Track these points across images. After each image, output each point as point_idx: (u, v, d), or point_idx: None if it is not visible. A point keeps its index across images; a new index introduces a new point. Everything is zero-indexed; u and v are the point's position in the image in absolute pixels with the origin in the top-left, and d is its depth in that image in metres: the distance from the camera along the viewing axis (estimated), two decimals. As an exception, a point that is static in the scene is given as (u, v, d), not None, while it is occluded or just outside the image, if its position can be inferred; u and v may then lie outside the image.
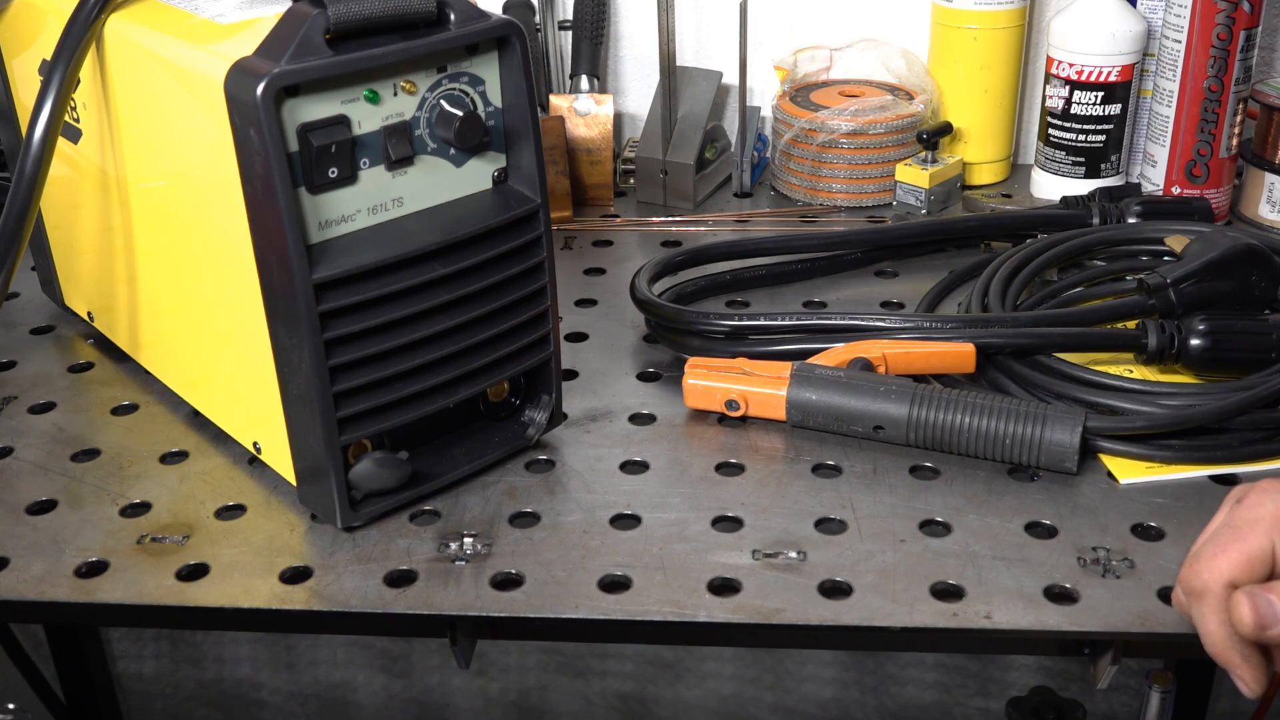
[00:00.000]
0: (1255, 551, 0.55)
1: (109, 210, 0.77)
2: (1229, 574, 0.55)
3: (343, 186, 0.62)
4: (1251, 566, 0.55)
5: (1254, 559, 0.55)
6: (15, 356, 0.87)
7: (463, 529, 0.68)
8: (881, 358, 0.77)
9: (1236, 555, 0.55)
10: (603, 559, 0.65)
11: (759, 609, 0.62)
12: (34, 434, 0.77)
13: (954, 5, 1.07)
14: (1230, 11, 0.96)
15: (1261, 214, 1.02)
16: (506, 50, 0.66)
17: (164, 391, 0.80)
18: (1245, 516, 0.57)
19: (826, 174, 1.08)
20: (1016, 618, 0.61)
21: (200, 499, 0.71)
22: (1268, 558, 0.55)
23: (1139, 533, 0.66)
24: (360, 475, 0.66)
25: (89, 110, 0.74)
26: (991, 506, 0.69)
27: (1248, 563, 0.55)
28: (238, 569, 0.65)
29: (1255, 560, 0.55)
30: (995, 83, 1.09)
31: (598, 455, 0.74)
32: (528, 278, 0.69)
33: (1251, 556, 0.55)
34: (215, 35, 0.65)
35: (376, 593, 0.63)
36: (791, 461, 0.73)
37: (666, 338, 0.85)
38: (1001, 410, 0.70)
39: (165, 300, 0.76)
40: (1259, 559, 0.55)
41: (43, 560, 0.66)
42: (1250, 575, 0.55)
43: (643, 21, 1.19)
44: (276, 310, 0.62)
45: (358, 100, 0.61)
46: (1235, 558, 0.55)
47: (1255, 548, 0.55)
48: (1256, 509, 0.57)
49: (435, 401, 0.67)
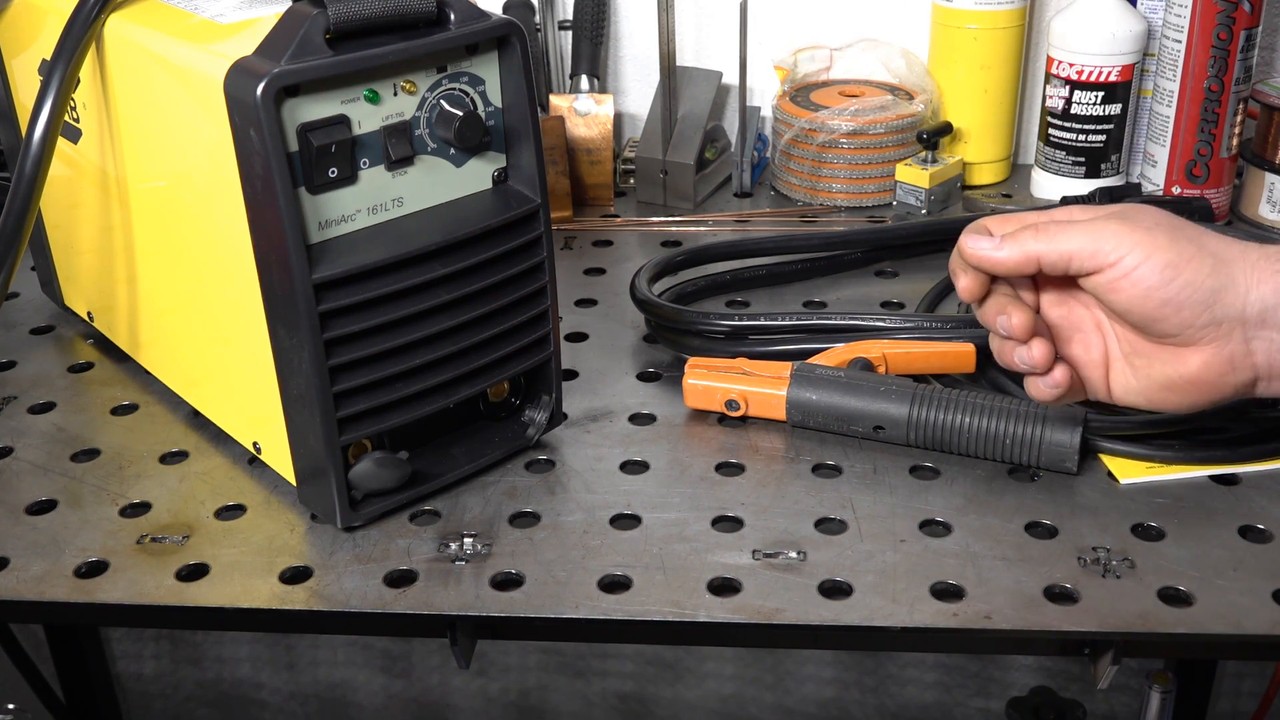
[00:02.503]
0: (1046, 239, 0.63)
1: (109, 210, 0.77)
2: (995, 227, 0.64)
3: (343, 186, 0.62)
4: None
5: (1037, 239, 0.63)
6: (15, 356, 0.87)
7: (463, 529, 0.68)
8: (881, 358, 0.77)
9: (1016, 223, 0.64)
10: (603, 559, 0.65)
11: (759, 609, 0.62)
12: (34, 434, 0.77)
13: (954, 5, 1.07)
14: (1230, 11, 0.96)
15: (1262, 214, 1.02)
16: (506, 50, 0.66)
17: (164, 391, 0.80)
18: (1075, 217, 0.64)
19: (826, 174, 1.08)
20: (1016, 618, 0.61)
21: (200, 499, 0.71)
22: (1055, 259, 0.62)
23: (1139, 533, 0.66)
24: (360, 475, 0.66)
25: (89, 110, 0.74)
26: (991, 506, 0.69)
27: (1018, 222, 0.64)
28: (238, 569, 0.65)
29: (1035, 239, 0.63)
30: (995, 83, 1.09)
31: (598, 455, 0.74)
32: (528, 278, 0.69)
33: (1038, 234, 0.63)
34: (215, 35, 0.65)
35: (376, 593, 0.63)
36: (791, 461, 0.73)
37: (666, 338, 0.85)
38: (1001, 410, 0.70)
39: (165, 300, 0.76)
40: (1045, 251, 0.62)
41: (43, 560, 0.66)
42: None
43: (643, 21, 1.19)
44: (276, 310, 0.62)
45: (358, 100, 0.61)
46: (1013, 224, 0.64)
47: (1049, 235, 0.63)
48: (1082, 213, 0.64)
49: (435, 401, 0.67)
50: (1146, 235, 0.62)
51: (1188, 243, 0.62)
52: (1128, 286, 0.62)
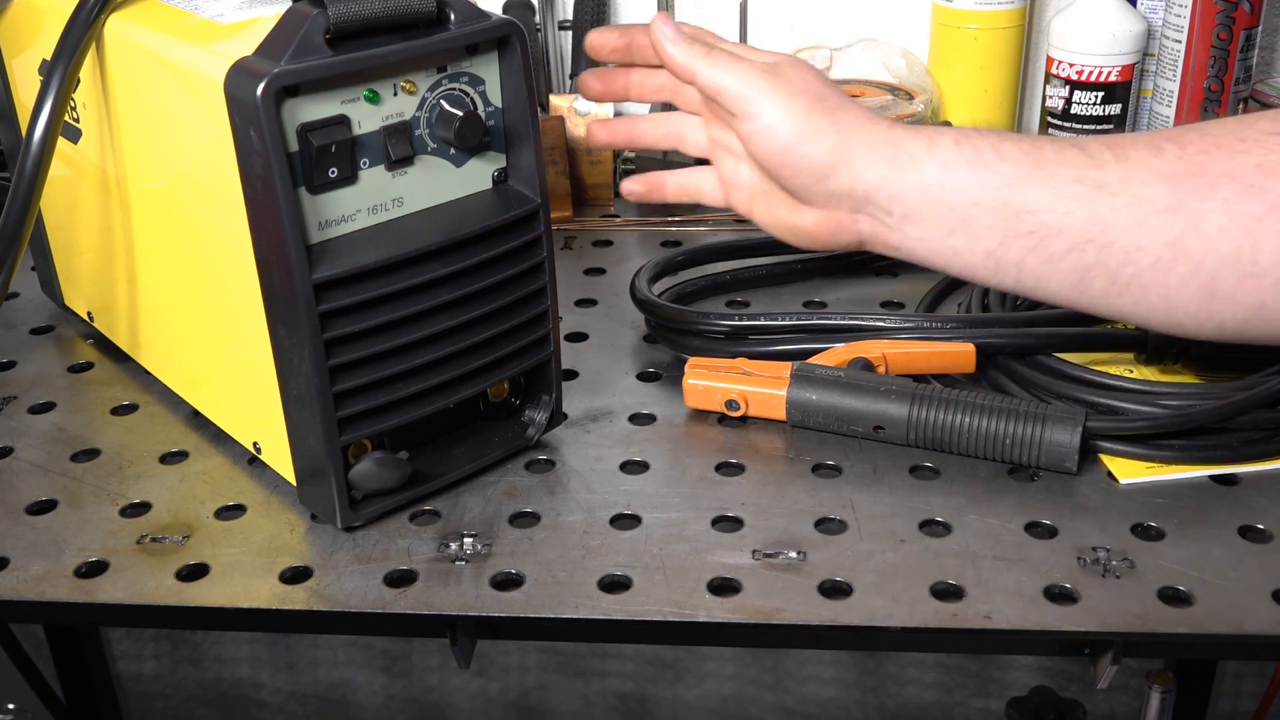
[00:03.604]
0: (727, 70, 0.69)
1: (109, 210, 0.77)
2: (692, 30, 0.71)
3: (343, 186, 0.62)
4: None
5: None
6: (15, 356, 0.87)
7: (463, 529, 0.68)
8: (881, 358, 0.77)
9: (712, 39, 0.71)
10: (603, 559, 0.65)
11: (759, 609, 0.62)
12: (34, 434, 0.77)
13: (954, 5, 1.07)
14: (1230, 11, 0.96)
15: (1261, 214, 1.02)
16: (506, 50, 0.66)
17: (164, 391, 0.80)
18: (751, 55, 0.70)
19: (826, 174, 1.08)
20: (1016, 618, 0.61)
21: (200, 499, 0.71)
22: (706, 84, 0.69)
23: (1139, 533, 0.66)
24: (360, 475, 0.66)
25: (89, 110, 0.74)
26: (991, 506, 0.69)
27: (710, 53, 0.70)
28: (238, 569, 0.65)
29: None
30: (995, 83, 1.09)
31: (598, 455, 0.74)
32: (528, 278, 0.69)
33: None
34: (215, 35, 0.65)
35: (376, 593, 0.63)
36: (791, 461, 0.73)
37: (666, 338, 0.85)
38: (1001, 410, 0.70)
39: (165, 300, 0.76)
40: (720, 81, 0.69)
41: (43, 560, 0.66)
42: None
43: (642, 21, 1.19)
44: (276, 310, 0.62)
45: (358, 100, 0.61)
46: (709, 39, 0.71)
47: (714, 61, 0.69)
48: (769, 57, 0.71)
49: (435, 401, 0.67)
50: (788, 99, 0.68)
51: (822, 115, 0.68)
52: (758, 140, 0.69)
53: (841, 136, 0.67)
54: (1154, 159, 0.63)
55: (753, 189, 0.74)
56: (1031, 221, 0.64)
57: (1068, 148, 0.65)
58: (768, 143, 0.68)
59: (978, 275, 0.67)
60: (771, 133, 0.68)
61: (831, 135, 0.67)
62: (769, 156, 0.69)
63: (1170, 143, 0.63)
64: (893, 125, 0.68)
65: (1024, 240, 0.65)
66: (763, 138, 0.68)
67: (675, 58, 0.70)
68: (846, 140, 0.67)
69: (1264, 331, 0.62)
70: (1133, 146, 0.64)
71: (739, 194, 0.75)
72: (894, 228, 0.68)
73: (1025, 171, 0.65)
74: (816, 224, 0.71)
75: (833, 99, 0.69)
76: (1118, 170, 0.63)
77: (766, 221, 0.74)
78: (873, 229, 0.69)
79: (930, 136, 0.67)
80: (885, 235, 0.69)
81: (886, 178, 0.67)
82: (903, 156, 0.67)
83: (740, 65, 0.69)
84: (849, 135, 0.67)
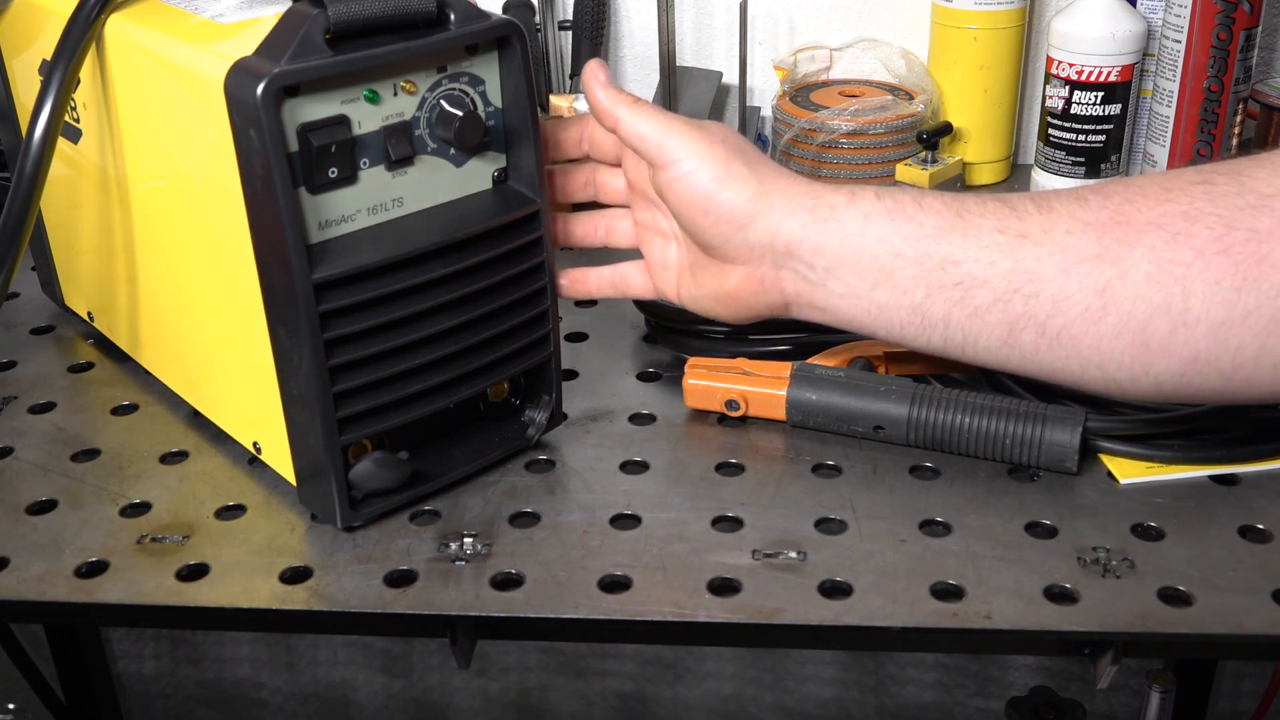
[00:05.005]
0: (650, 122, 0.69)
1: (109, 210, 0.77)
2: (621, 91, 0.71)
3: (343, 186, 0.62)
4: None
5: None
6: (15, 356, 0.87)
7: (463, 529, 0.68)
8: (881, 358, 0.77)
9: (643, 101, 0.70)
10: (603, 559, 0.65)
11: (759, 609, 0.62)
12: (34, 434, 0.77)
13: (954, 5, 1.07)
14: (1230, 11, 0.96)
15: (1261, 214, 1.02)
16: (506, 50, 0.66)
17: (164, 391, 0.80)
18: (671, 117, 0.70)
19: (827, 174, 1.08)
20: (1016, 618, 0.61)
21: (200, 499, 0.71)
22: (629, 132, 0.69)
23: (1139, 533, 0.66)
24: (360, 475, 0.66)
25: (89, 110, 0.74)
26: (991, 506, 0.69)
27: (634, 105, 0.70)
28: (238, 569, 0.65)
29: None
30: (995, 83, 1.09)
31: (598, 455, 0.74)
32: (528, 278, 0.69)
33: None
34: (215, 35, 0.65)
35: (376, 593, 0.63)
36: (791, 461, 0.73)
37: (666, 338, 0.85)
38: (1001, 410, 0.70)
39: (165, 300, 0.76)
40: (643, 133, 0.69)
41: (43, 560, 0.66)
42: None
43: (643, 21, 1.19)
44: (276, 310, 0.62)
45: (358, 100, 0.61)
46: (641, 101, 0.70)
47: (638, 111, 0.70)
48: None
49: (435, 401, 0.67)
50: (708, 147, 0.68)
51: (743, 164, 0.68)
52: (680, 188, 0.68)
53: (762, 185, 0.67)
54: (1078, 209, 0.63)
55: (680, 266, 0.73)
56: (956, 273, 0.64)
57: (990, 201, 0.65)
58: (688, 190, 0.68)
59: (906, 334, 0.67)
60: (692, 179, 0.67)
61: (751, 183, 0.67)
62: (689, 205, 0.68)
63: (1095, 194, 0.63)
64: (812, 182, 0.68)
65: (949, 292, 0.64)
66: (683, 185, 0.68)
67: (601, 101, 0.70)
68: (767, 189, 0.67)
69: (1200, 387, 0.62)
70: (1056, 199, 0.64)
71: (667, 276, 0.74)
72: (818, 283, 0.67)
73: (948, 223, 0.65)
74: (740, 284, 0.69)
75: (752, 153, 0.69)
76: (1041, 220, 0.63)
77: (694, 295, 0.73)
78: (797, 287, 0.68)
79: (851, 190, 0.67)
80: (810, 293, 0.68)
81: (808, 227, 0.66)
82: (824, 207, 0.67)
83: (662, 115, 0.69)
84: (769, 185, 0.67)
